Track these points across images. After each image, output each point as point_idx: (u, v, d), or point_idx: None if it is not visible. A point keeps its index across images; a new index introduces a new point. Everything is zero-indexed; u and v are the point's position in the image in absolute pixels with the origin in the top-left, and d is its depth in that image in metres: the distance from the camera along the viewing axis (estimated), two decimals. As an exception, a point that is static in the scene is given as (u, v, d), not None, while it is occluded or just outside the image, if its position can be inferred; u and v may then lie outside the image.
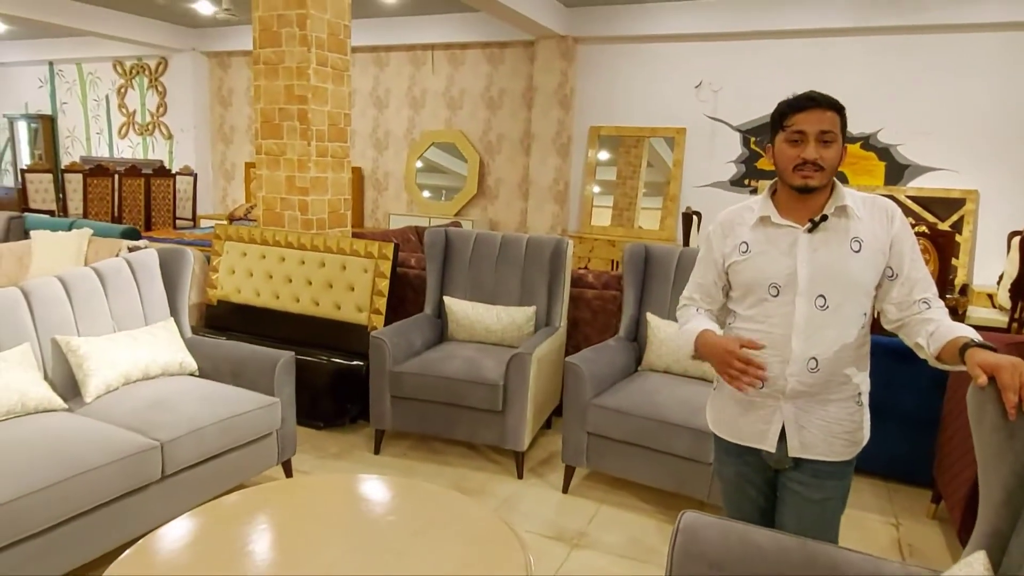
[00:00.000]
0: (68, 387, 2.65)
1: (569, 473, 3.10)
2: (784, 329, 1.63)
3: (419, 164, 8.30)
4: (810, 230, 1.62)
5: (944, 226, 5.87)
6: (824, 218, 1.62)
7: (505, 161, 7.92)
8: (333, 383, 3.62)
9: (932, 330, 1.56)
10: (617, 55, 7.25)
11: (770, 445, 1.70)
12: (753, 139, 6.76)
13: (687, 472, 2.76)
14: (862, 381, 1.69)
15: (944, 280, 4.60)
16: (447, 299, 3.68)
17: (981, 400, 1.36)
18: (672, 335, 3.19)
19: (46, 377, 2.61)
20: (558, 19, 6.94)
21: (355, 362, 3.60)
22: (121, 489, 2.25)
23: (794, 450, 1.68)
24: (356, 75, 8.60)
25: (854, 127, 6.34)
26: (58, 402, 2.50)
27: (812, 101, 1.58)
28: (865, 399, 1.70)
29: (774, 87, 6.58)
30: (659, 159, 7.19)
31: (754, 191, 6.78)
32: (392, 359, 3.30)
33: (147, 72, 9.92)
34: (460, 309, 3.63)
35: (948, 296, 4.94)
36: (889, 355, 3.31)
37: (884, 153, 6.26)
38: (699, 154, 7.02)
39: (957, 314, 5.08)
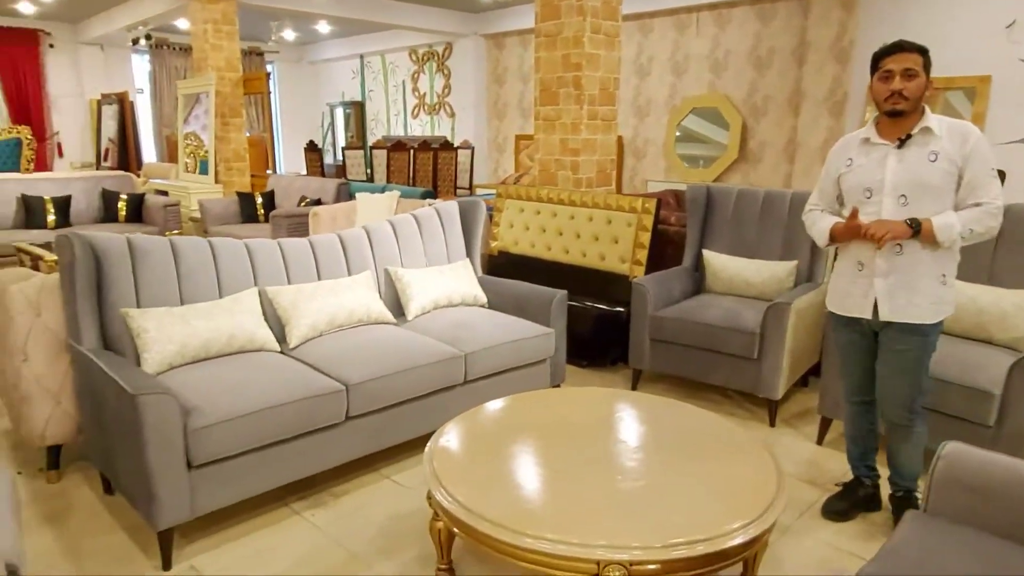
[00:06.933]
0: (394, 307, 3.33)
1: (825, 425, 3.10)
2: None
3: (678, 133, 8.35)
4: (898, 147, 2.12)
5: None
6: (909, 136, 2.10)
7: (771, 124, 7.64)
8: (597, 326, 3.98)
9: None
10: None
11: (868, 314, 2.22)
12: (1083, 85, 5.72)
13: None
14: (945, 265, 2.13)
15: None
16: (706, 252, 3.83)
17: None
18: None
19: (381, 297, 3.31)
20: (838, -33, 6.49)
21: (617, 308, 3.93)
22: (435, 386, 2.84)
23: (884, 315, 2.19)
24: (622, 43, 8.85)
25: None
26: (390, 317, 3.18)
27: (898, 46, 2.08)
28: (950, 280, 2.15)
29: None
30: (954, 115, 6.40)
31: (1081, 147, 5.75)
32: (653, 305, 3.55)
33: (436, 58, 11.22)
34: (719, 262, 3.76)
35: None
36: None
37: None
38: (1008, 106, 6.12)
39: None
